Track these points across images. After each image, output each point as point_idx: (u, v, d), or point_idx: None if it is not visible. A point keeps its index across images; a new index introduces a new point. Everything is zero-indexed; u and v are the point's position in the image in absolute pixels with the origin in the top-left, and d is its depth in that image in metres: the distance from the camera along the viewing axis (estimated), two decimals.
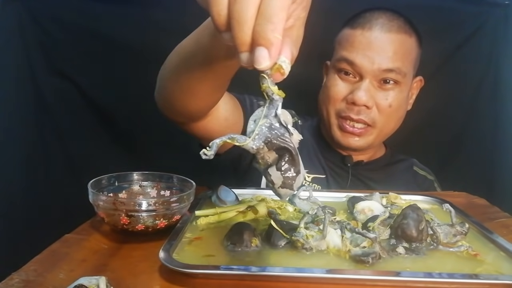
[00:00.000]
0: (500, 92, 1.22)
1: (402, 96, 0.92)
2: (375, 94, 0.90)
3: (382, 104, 0.90)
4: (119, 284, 0.46)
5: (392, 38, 0.89)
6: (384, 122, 0.92)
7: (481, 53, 1.22)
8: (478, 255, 0.56)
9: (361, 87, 0.89)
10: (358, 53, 0.89)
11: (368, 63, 0.88)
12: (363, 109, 0.90)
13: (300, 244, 0.54)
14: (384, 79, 0.90)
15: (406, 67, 0.91)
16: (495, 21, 1.19)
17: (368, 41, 0.89)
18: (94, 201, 0.60)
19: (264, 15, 0.36)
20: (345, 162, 0.97)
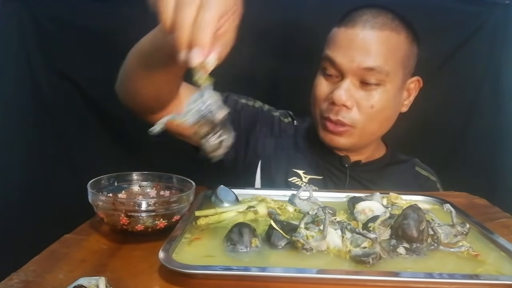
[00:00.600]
0: (500, 92, 1.22)
1: (387, 96, 0.88)
2: (356, 94, 0.87)
3: (364, 104, 0.87)
4: (119, 284, 0.46)
5: (374, 35, 0.86)
6: (366, 124, 0.89)
7: (481, 53, 1.22)
8: (478, 255, 0.56)
9: (341, 86, 0.87)
10: (339, 51, 0.87)
11: (348, 61, 0.86)
12: (343, 109, 0.87)
13: (300, 245, 0.54)
14: (365, 78, 0.86)
15: (391, 66, 0.87)
16: (495, 21, 1.19)
17: (350, 39, 0.86)
18: (94, 201, 0.60)
19: (199, 24, 0.48)
20: (343, 163, 0.95)
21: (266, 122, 1.00)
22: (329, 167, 0.96)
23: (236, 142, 0.96)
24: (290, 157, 0.96)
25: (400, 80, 0.90)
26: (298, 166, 0.95)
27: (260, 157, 0.96)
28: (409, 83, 0.94)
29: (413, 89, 0.96)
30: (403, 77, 0.91)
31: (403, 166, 1.03)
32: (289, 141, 0.99)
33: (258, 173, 0.95)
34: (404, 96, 0.95)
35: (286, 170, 0.94)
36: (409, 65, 0.92)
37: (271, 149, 0.97)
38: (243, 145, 0.98)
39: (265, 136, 0.98)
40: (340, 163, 0.96)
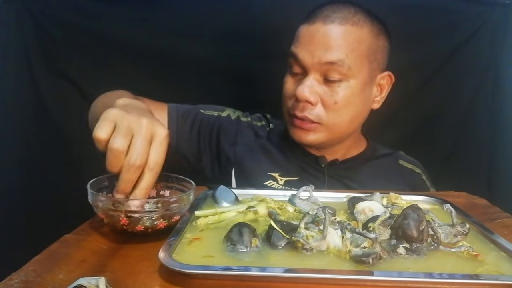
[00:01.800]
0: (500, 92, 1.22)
1: (350, 92, 0.87)
2: (320, 89, 0.86)
3: (327, 100, 0.86)
4: (119, 284, 0.46)
5: (334, 30, 0.85)
6: (333, 120, 0.88)
7: (481, 53, 1.22)
8: (478, 255, 0.55)
9: (304, 83, 0.86)
10: (301, 47, 0.87)
11: (309, 57, 0.85)
12: (307, 105, 0.86)
13: (300, 245, 0.54)
14: (328, 74, 0.85)
15: (353, 60, 0.85)
16: (495, 21, 1.19)
17: (311, 34, 0.86)
18: (94, 202, 0.60)
19: (140, 187, 0.58)
20: (319, 163, 0.94)
21: (234, 129, 0.99)
22: (306, 167, 0.95)
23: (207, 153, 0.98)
24: (264, 161, 0.96)
25: (366, 75, 0.88)
26: (273, 169, 0.94)
27: (232, 164, 0.96)
28: (379, 79, 0.92)
29: (385, 85, 0.94)
30: (369, 72, 0.89)
31: (385, 160, 1.01)
32: (264, 145, 0.98)
33: (233, 180, 0.95)
34: (375, 92, 0.93)
35: (260, 174, 0.93)
36: (376, 60, 0.90)
37: (242, 155, 0.96)
38: (214, 155, 0.98)
39: (234, 143, 0.98)
40: (316, 163, 0.95)
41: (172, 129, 0.95)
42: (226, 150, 0.97)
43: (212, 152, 0.99)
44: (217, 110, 1.02)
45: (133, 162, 0.57)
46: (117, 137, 0.57)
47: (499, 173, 1.22)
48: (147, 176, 0.58)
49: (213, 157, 0.99)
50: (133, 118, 0.59)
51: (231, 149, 0.97)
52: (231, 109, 1.04)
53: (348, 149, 0.98)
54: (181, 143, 0.97)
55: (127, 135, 0.57)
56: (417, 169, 1.03)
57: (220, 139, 0.98)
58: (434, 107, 1.24)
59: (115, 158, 0.57)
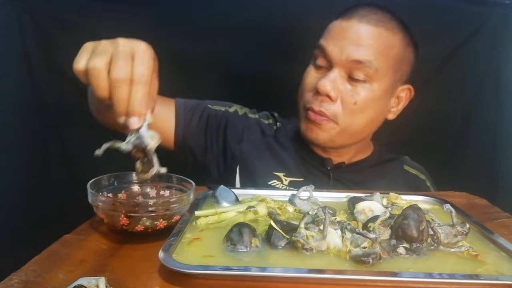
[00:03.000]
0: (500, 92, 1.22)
1: (372, 95, 0.86)
2: (342, 86, 0.85)
3: (348, 100, 0.85)
4: (119, 284, 0.46)
5: (368, 30, 0.85)
6: (348, 120, 0.87)
7: (481, 53, 1.22)
8: (478, 255, 0.56)
9: (327, 76, 0.85)
10: (331, 41, 0.86)
11: (338, 51, 0.84)
12: (326, 100, 0.85)
13: (300, 245, 0.54)
14: (353, 72, 0.85)
15: (380, 63, 0.85)
16: (495, 21, 1.19)
17: (343, 30, 0.86)
18: (94, 202, 0.60)
19: (134, 99, 0.56)
20: (325, 165, 0.93)
21: (241, 125, 0.98)
22: (311, 169, 0.94)
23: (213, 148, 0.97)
24: (270, 160, 0.95)
25: (389, 83, 0.88)
26: (278, 169, 0.93)
27: (237, 162, 0.95)
28: (399, 91, 0.92)
29: (403, 98, 0.94)
30: (393, 80, 0.89)
31: (390, 165, 1.01)
32: (270, 144, 0.97)
33: (237, 178, 0.94)
34: (392, 103, 0.92)
35: (265, 173, 0.93)
36: (401, 70, 0.90)
37: (248, 154, 0.95)
38: (220, 151, 0.98)
39: (241, 140, 0.97)
40: (322, 165, 0.94)
41: (179, 123, 0.95)
42: (232, 146, 0.96)
43: (219, 147, 0.98)
44: (224, 106, 1.01)
45: (116, 76, 0.54)
46: (94, 57, 0.56)
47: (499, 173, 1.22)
48: (138, 88, 0.55)
49: (219, 153, 0.98)
50: (107, 41, 0.58)
51: (237, 147, 0.96)
52: (239, 105, 1.03)
53: (356, 153, 0.97)
54: (188, 137, 0.96)
55: (105, 54, 0.56)
56: (421, 175, 1.02)
57: (226, 135, 0.97)
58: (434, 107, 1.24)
59: (97, 78, 0.55)
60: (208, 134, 0.98)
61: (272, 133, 0.99)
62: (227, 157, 0.97)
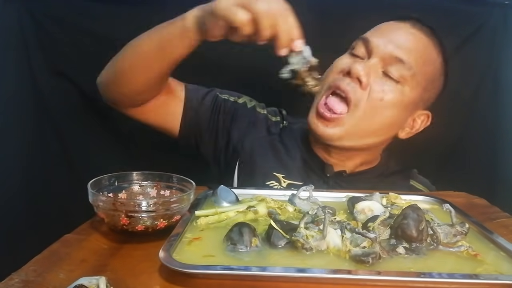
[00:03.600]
0: (500, 92, 1.22)
1: (400, 98, 0.85)
2: (374, 77, 0.84)
3: (375, 93, 0.83)
4: (119, 284, 0.46)
5: (418, 37, 0.85)
6: (366, 114, 0.83)
7: (481, 53, 1.22)
8: (478, 255, 0.56)
9: (363, 62, 0.84)
10: (378, 34, 0.87)
11: (382, 44, 0.84)
12: (356, 82, 0.83)
13: (300, 244, 0.54)
14: (390, 69, 0.83)
15: (417, 71, 0.84)
16: (495, 21, 1.20)
17: (395, 28, 0.87)
18: (94, 202, 0.60)
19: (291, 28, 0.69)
20: (325, 172, 0.91)
21: (247, 119, 0.97)
22: (311, 174, 0.91)
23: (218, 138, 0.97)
24: (270, 160, 0.93)
25: (417, 97, 0.87)
26: (278, 170, 0.91)
27: (238, 157, 0.94)
28: (418, 113, 0.91)
29: (419, 123, 0.92)
30: (420, 98, 0.88)
31: (395, 178, 0.96)
32: (273, 143, 0.95)
33: (236, 174, 0.93)
34: (408, 122, 0.91)
35: (265, 172, 0.91)
36: (429, 92, 0.89)
37: (250, 150, 0.94)
38: (224, 142, 0.96)
39: (245, 135, 0.95)
40: (322, 171, 0.91)
41: (189, 107, 0.94)
42: (235, 140, 0.95)
43: (223, 138, 0.96)
44: (233, 96, 1.00)
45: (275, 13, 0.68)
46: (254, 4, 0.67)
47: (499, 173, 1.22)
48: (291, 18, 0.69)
49: (222, 144, 0.96)
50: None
51: (240, 141, 0.95)
52: (248, 97, 1.01)
53: (361, 164, 0.94)
54: (196, 123, 0.95)
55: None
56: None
57: (232, 127, 0.96)
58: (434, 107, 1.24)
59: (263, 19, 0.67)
60: (215, 122, 0.96)
61: (278, 132, 0.98)
62: (228, 150, 0.96)
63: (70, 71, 1.21)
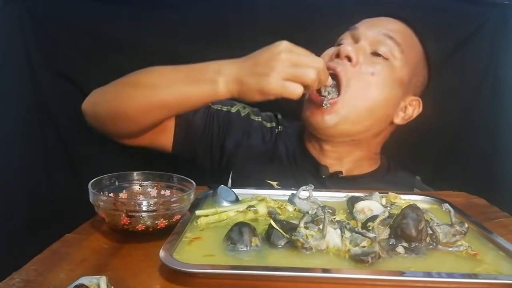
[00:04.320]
0: (500, 92, 1.22)
1: (390, 73, 0.85)
2: (363, 57, 0.85)
3: (365, 69, 0.84)
4: (120, 283, 0.47)
5: (400, 24, 0.90)
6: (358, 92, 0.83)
7: (481, 53, 1.22)
8: (477, 254, 0.56)
9: (351, 43, 0.88)
10: (364, 24, 0.90)
11: (369, 27, 0.88)
12: (345, 62, 0.84)
13: (300, 244, 0.54)
14: (378, 46, 0.86)
15: (406, 49, 0.87)
16: (495, 21, 1.20)
17: (377, 20, 0.90)
18: (95, 201, 0.60)
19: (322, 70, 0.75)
20: (320, 173, 0.89)
21: (242, 129, 0.96)
22: (308, 177, 0.90)
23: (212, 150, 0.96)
24: (265, 168, 0.92)
25: (407, 76, 0.88)
26: (273, 176, 0.90)
27: (231, 167, 0.93)
28: (409, 99, 0.92)
29: (411, 110, 0.93)
30: (409, 79, 0.89)
31: (398, 186, 0.91)
32: (268, 151, 0.94)
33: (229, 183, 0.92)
34: (402, 106, 0.91)
35: (258, 180, 0.89)
36: (418, 77, 0.92)
37: (244, 159, 0.93)
38: (218, 154, 0.96)
39: (240, 144, 0.94)
40: (318, 174, 0.90)
41: (181, 122, 0.92)
42: (229, 149, 0.94)
43: (217, 149, 0.96)
44: (226, 105, 0.98)
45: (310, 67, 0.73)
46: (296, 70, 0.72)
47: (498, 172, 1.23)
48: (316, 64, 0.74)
49: (217, 155, 0.96)
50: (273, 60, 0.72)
51: (235, 151, 0.94)
52: (241, 104, 1.00)
53: (358, 163, 0.92)
54: (189, 138, 0.94)
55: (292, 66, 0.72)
56: None
57: (226, 137, 0.95)
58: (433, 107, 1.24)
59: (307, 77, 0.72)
60: (210, 135, 0.96)
61: (273, 139, 0.97)
62: (223, 161, 0.95)
63: (70, 71, 1.21)
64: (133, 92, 0.81)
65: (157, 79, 0.81)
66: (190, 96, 0.77)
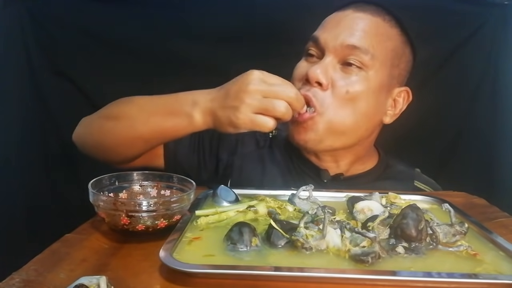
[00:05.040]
0: (500, 92, 1.22)
1: (366, 85, 0.80)
2: (334, 74, 0.80)
3: (339, 88, 0.79)
4: (120, 283, 0.47)
5: (364, 18, 0.81)
6: (336, 111, 0.80)
7: (481, 53, 1.22)
8: (477, 254, 0.56)
9: (319, 63, 0.80)
10: (325, 30, 0.83)
11: (332, 38, 0.80)
12: (316, 87, 0.79)
13: (300, 244, 0.54)
14: (347, 58, 0.80)
15: (377, 52, 0.80)
16: (495, 21, 1.20)
17: (339, 19, 0.83)
18: (95, 202, 0.60)
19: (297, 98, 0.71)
20: (321, 178, 0.87)
21: (235, 137, 0.92)
22: (308, 181, 0.87)
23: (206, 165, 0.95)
24: (262, 173, 0.90)
25: (386, 77, 0.83)
26: (271, 183, 0.87)
27: (229, 176, 0.91)
28: (396, 92, 0.87)
29: (400, 102, 0.88)
30: (390, 76, 0.84)
31: (399, 180, 0.91)
32: (263, 156, 0.92)
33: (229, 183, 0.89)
34: (389, 105, 0.87)
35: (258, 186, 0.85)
36: (399, 67, 0.85)
37: (240, 167, 0.91)
38: (213, 167, 0.93)
39: (234, 153, 0.92)
40: (318, 177, 0.88)
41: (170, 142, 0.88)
42: (224, 159, 0.92)
43: (212, 163, 0.93)
44: None
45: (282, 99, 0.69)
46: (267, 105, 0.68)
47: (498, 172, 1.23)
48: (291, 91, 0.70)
49: (212, 169, 0.93)
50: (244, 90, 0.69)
51: (229, 159, 0.92)
52: None
53: (355, 162, 0.90)
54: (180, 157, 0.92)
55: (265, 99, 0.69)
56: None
57: (219, 148, 0.93)
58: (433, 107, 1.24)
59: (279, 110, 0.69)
60: (201, 151, 0.93)
61: (267, 144, 0.94)
62: (219, 172, 0.93)
63: (70, 71, 1.22)
64: (113, 125, 0.81)
65: (134, 111, 0.80)
66: (166, 129, 0.76)
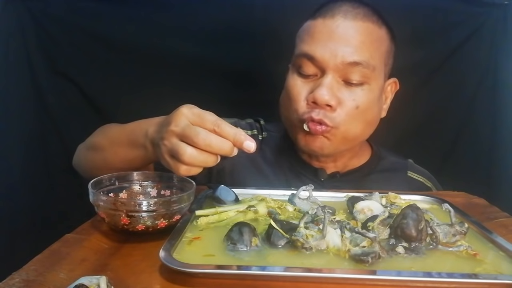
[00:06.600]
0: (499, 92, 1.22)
1: (372, 96, 0.80)
2: (339, 92, 0.78)
3: (349, 105, 0.78)
4: (120, 283, 0.47)
5: (357, 26, 0.78)
6: (350, 126, 0.80)
7: (480, 53, 1.22)
8: (477, 254, 0.56)
9: (323, 84, 0.77)
10: (318, 45, 0.78)
11: (331, 55, 0.77)
12: (326, 109, 0.78)
13: (300, 244, 0.54)
14: (349, 75, 0.78)
15: (376, 61, 0.79)
16: (495, 21, 1.20)
17: (330, 30, 0.78)
18: (95, 201, 0.60)
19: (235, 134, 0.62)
20: (318, 177, 0.87)
21: None
22: (306, 181, 0.86)
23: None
24: (254, 177, 0.88)
25: (382, 79, 0.83)
26: (266, 184, 0.86)
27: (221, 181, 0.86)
28: (386, 85, 0.86)
29: (390, 92, 0.89)
30: (384, 77, 0.84)
31: (392, 171, 0.92)
32: (255, 159, 0.89)
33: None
34: (383, 100, 0.87)
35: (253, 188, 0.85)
36: (388, 64, 0.85)
37: (231, 172, 0.89)
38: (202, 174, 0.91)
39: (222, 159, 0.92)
40: (315, 177, 0.87)
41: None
42: (214, 170, 0.89)
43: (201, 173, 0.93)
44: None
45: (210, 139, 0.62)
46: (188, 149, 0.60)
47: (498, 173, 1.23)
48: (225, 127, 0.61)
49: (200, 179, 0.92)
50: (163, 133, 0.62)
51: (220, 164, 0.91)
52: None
53: (350, 158, 0.90)
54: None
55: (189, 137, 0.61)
56: (428, 182, 0.96)
57: None
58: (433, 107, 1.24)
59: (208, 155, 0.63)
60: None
61: (258, 146, 0.90)
62: (212, 179, 0.91)
63: (70, 71, 1.22)
64: (92, 156, 0.84)
65: (106, 143, 0.80)
66: (132, 159, 0.74)
